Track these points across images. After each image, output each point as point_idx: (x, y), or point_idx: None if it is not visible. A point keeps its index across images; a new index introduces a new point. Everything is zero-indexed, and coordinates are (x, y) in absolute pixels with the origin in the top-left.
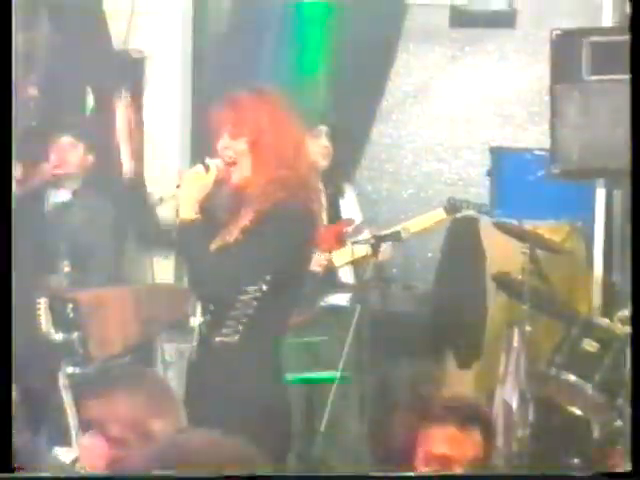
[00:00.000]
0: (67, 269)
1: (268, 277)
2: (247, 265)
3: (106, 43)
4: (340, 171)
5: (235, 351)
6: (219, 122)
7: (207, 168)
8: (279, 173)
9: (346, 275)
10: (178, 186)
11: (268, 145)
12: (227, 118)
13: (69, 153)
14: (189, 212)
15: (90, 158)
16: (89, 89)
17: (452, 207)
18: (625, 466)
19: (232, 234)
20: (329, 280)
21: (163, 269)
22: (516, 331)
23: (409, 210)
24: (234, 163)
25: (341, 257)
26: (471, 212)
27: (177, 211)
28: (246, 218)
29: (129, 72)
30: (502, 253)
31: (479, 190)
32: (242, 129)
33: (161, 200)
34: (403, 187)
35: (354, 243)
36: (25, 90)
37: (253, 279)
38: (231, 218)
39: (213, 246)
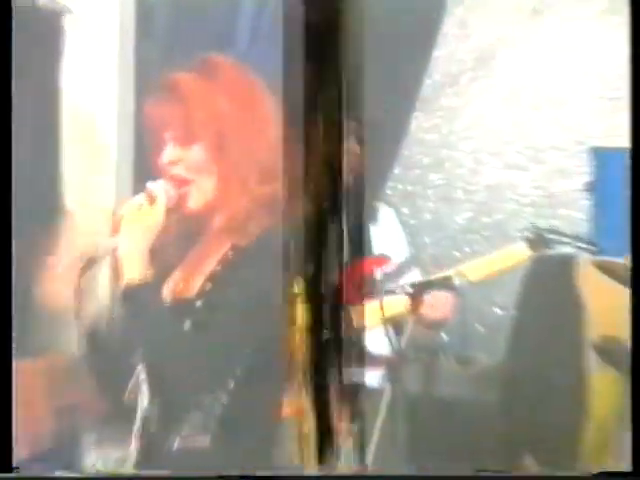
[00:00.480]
0: None
1: (249, 351)
2: (218, 337)
3: None
4: (372, 185)
5: (205, 458)
6: (159, 122)
7: (152, 198)
8: (259, 190)
9: (374, 340)
10: (115, 231)
11: (238, 150)
12: (170, 115)
13: None
14: (136, 270)
15: None
16: None
17: (535, 240)
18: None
19: (192, 286)
20: (347, 347)
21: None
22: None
23: (466, 244)
24: (187, 182)
25: (367, 313)
26: (564, 247)
27: (116, 270)
28: (212, 260)
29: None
30: (609, 308)
31: (574, 213)
32: (195, 130)
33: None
34: (457, 208)
35: (386, 293)
36: None
37: (227, 361)
38: (190, 261)
39: (168, 305)
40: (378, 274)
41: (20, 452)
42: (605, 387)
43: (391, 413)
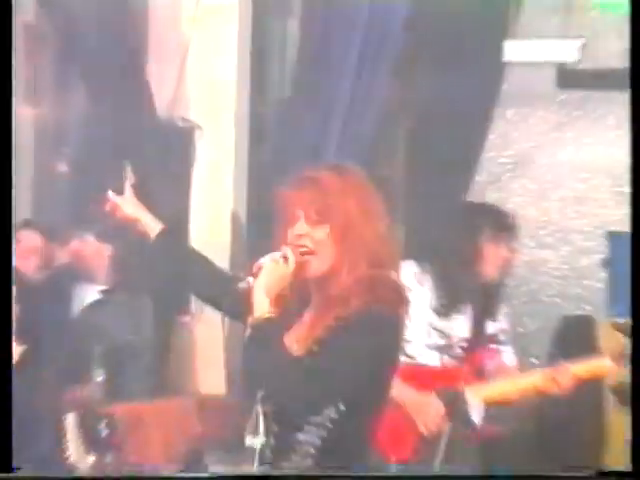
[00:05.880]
0: (100, 378)
1: (346, 397)
2: (322, 383)
3: (149, 110)
4: (504, 284)
5: None
6: (294, 204)
7: (286, 258)
8: (367, 272)
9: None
10: (254, 275)
11: (356, 236)
12: (305, 200)
13: (91, 253)
14: (264, 308)
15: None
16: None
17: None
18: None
19: (305, 343)
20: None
21: (212, 378)
22: None
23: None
24: (311, 252)
25: (478, 393)
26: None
27: (248, 306)
28: (322, 325)
29: (175, 145)
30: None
31: (594, 283)
32: (324, 215)
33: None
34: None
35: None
36: (53, 166)
37: (328, 399)
38: (304, 319)
39: (284, 354)
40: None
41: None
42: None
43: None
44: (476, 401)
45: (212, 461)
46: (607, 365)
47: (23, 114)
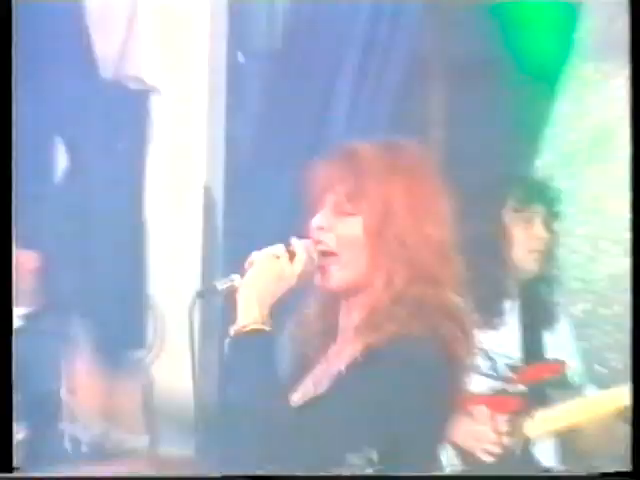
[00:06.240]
0: (20, 436)
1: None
2: (348, 433)
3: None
4: (551, 280)
5: None
6: (322, 184)
7: (292, 254)
8: (413, 289)
9: (546, 456)
10: (241, 275)
11: (398, 237)
12: (334, 180)
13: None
14: (253, 318)
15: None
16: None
17: None
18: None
19: (320, 382)
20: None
21: (175, 435)
22: None
23: (584, 339)
24: (331, 254)
25: (537, 426)
26: None
27: (234, 312)
28: (344, 356)
29: (125, 112)
30: None
31: None
32: (357, 203)
33: (204, 294)
34: (573, 298)
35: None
36: None
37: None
38: (319, 345)
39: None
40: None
41: None
42: None
43: None
44: (539, 433)
45: None
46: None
47: None
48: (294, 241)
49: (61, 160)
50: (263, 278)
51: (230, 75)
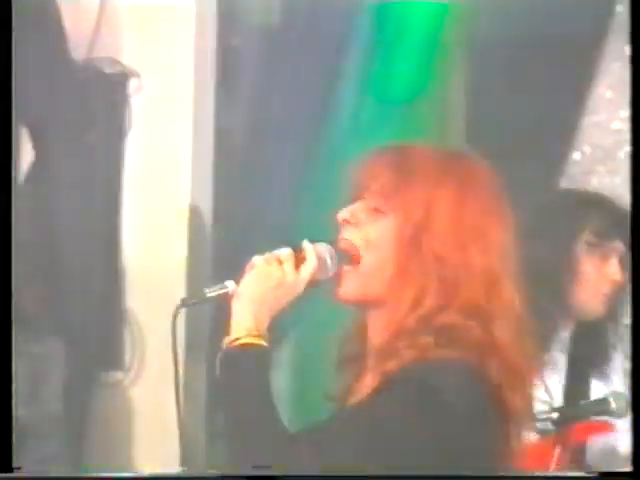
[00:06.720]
0: None
1: None
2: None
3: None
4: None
5: None
6: (359, 181)
7: (300, 259)
8: (445, 315)
9: None
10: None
11: (437, 252)
12: (373, 175)
13: None
14: (249, 331)
15: None
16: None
17: None
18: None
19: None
20: None
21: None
22: None
23: None
24: (355, 259)
25: None
26: None
27: (227, 324)
28: (362, 385)
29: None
30: None
31: None
32: (390, 201)
33: (189, 302)
34: None
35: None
36: None
37: None
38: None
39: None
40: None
41: None
42: None
43: None
44: None
45: None
46: None
47: None
48: (305, 244)
49: (26, 154)
50: (262, 285)
51: (220, 57)
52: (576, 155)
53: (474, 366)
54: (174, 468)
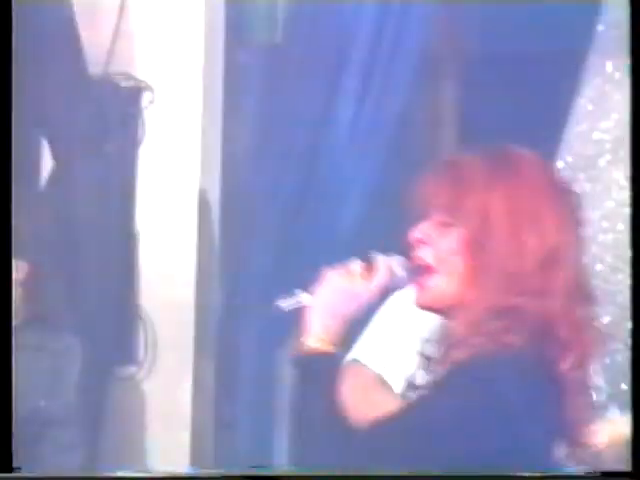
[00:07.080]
0: None
1: None
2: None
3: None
4: None
5: None
6: (422, 198)
7: (368, 271)
8: (510, 300)
9: None
10: (310, 292)
11: (496, 247)
12: (435, 193)
13: None
14: (321, 338)
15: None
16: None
17: None
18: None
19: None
20: None
21: (170, 457)
22: None
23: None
24: (431, 270)
25: None
26: None
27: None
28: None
29: (115, 111)
30: None
31: None
32: (458, 213)
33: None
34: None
35: None
36: None
37: None
38: None
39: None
40: None
41: None
42: None
43: None
44: None
45: None
46: None
47: None
48: (375, 256)
49: (46, 163)
50: (334, 295)
51: (227, 71)
52: (559, 164)
53: (540, 344)
54: (184, 460)
